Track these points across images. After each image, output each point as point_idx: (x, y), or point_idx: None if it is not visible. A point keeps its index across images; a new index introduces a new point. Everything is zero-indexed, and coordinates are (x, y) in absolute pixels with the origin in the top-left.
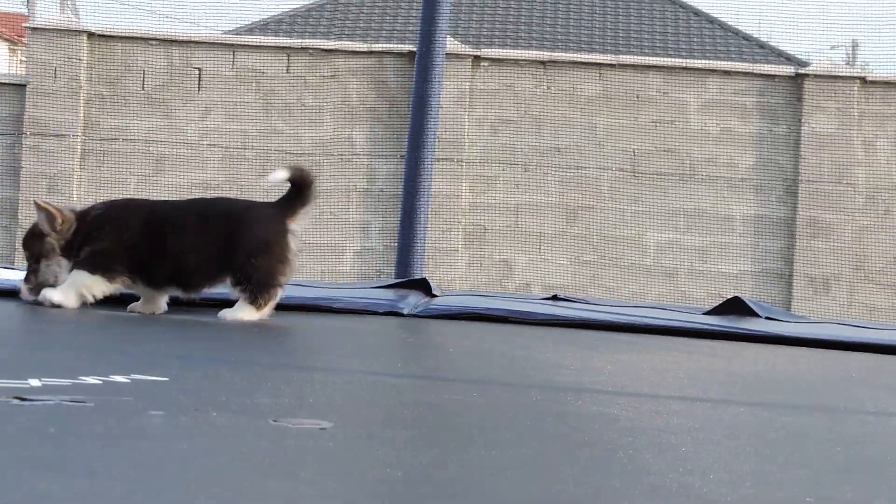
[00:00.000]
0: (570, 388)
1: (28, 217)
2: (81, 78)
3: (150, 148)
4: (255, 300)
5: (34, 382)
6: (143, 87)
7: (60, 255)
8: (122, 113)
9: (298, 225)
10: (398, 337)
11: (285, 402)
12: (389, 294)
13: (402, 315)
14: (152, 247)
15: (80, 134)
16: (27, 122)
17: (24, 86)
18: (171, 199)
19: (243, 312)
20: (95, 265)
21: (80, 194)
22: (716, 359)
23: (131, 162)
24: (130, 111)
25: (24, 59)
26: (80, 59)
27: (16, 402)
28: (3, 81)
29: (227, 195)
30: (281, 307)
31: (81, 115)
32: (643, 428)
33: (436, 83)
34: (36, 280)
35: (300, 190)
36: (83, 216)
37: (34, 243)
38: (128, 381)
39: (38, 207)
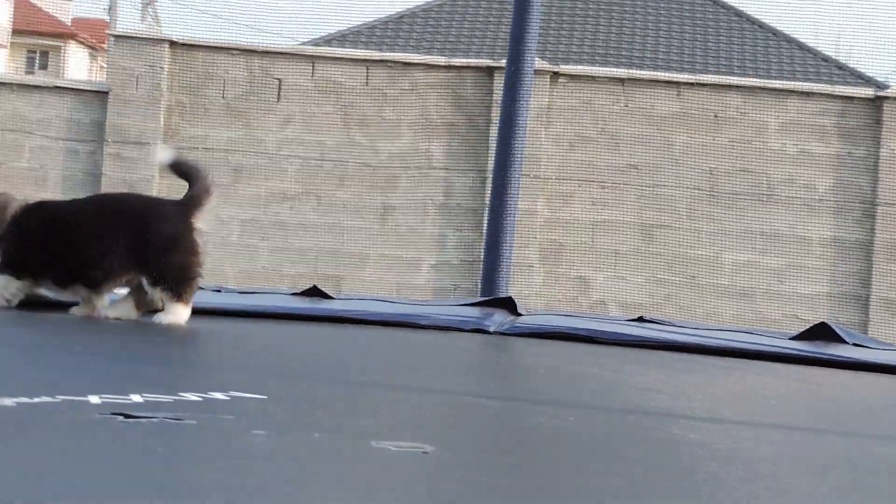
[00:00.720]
0: (665, 412)
1: None
2: (163, 86)
3: (229, 157)
4: (180, 296)
5: (136, 398)
6: (223, 97)
7: None
8: (202, 122)
9: (203, 222)
10: (486, 355)
11: (383, 422)
12: (475, 312)
13: (487, 333)
14: (54, 246)
15: (160, 142)
16: (109, 130)
17: (107, 93)
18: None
19: (174, 314)
20: (2, 265)
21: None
22: (806, 385)
23: (211, 171)
24: (210, 120)
25: (103, 65)
26: (161, 68)
27: (121, 419)
28: (86, 89)
29: (300, 205)
30: (368, 322)
31: (162, 123)
32: (742, 457)
33: (523, 101)
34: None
35: (191, 186)
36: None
37: None
38: (227, 398)
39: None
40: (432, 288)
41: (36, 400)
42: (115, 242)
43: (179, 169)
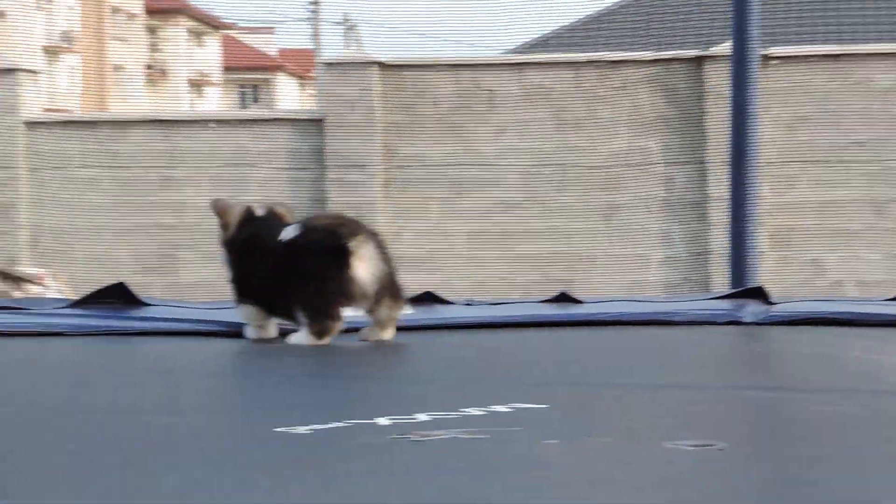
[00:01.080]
0: None
1: None
2: (376, 108)
3: (448, 171)
4: (311, 326)
5: (422, 417)
6: (436, 113)
7: (222, 245)
8: (419, 139)
9: (360, 255)
10: (746, 347)
11: (668, 422)
12: (727, 304)
13: (743, 324)
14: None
15: (380, 163)
16: (328, 155)
17: (321, 120)
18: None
19: (301, 337)
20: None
21: (386, 222)
22: None
23: (432, 187)
24: (426, 137)
25: (312, 92)
26: (372, 90)
27: (414, 438)
28: (301, 118)
29: (524, 212)
30: (622, 323)
31: (379, 144)
32: None
33: (752, 89)
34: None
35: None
36: (249, 219)
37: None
38: (510, 410)
39: (213, 210)
40: (663, 283)
41: (329, 426)
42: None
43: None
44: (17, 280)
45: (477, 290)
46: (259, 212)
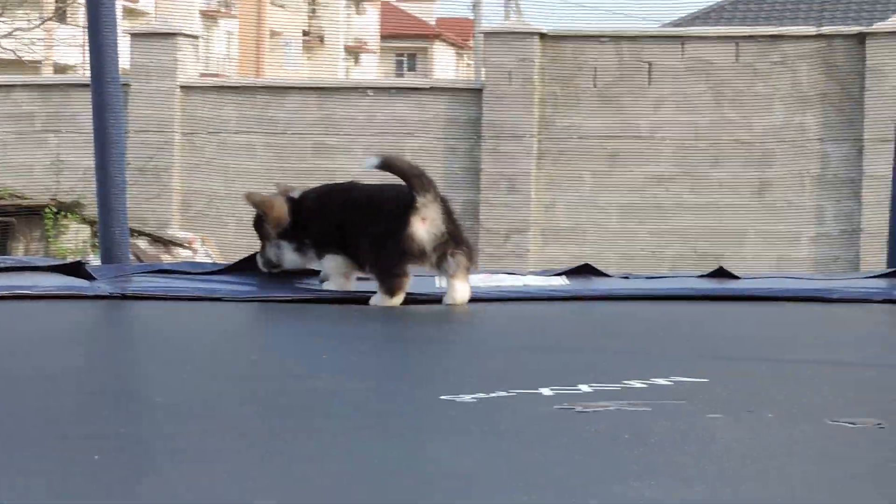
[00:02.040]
0: None
1: (489, 218)
2: (535, 79)
3: (604, 144)
4: (381, 286)
5: (584, 388)
6: (594, 85)
7: (278, 238)
8: (576, 111)
9: (429, 212)
10: None
11: (829, 399)
12: (883, 283)
13: None
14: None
15: (535, 134)
16: (485, 125)
17: (481, 90)
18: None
19: (379, 299)
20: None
21: (538, 193)
22: None
23: (586, 159)
24: (583, 109)
25: (469, 62)
26: (532, 61)
27: (580, 409)
28: (461, 87)
29: (677, 187)
30: (779, 299)
31: (536, 115)
32: None
33: None
34: (265, 257)
35: (407, 182)
36: (296, 204)
37: (259, 226)
38: (670, 383)
39: (251, 203)
40: (812, 261)
41: (493, 395)
42: (364, 231)
43: (388, 169)
44: (167, 243)
45: (626, 263)
46: (295, 195)
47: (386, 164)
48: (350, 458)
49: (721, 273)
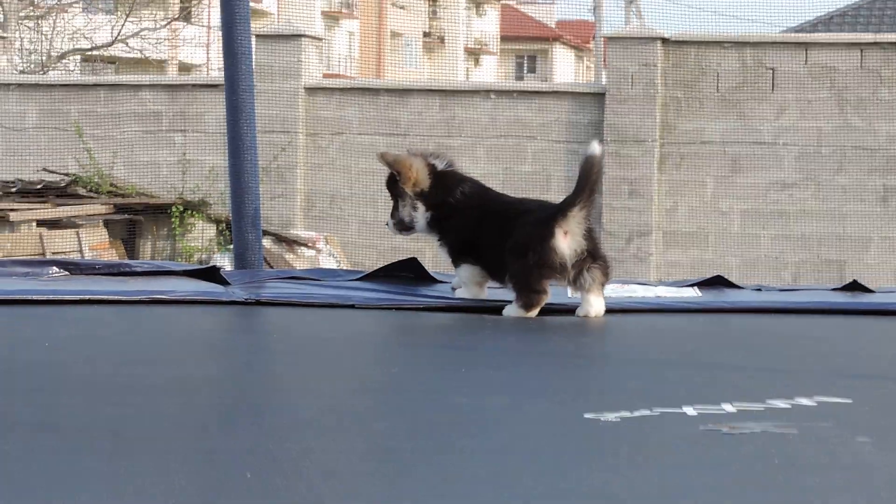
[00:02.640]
0: None
1: (611, 221)
2: (657, 83)
3: (726, 149)
4: (518, 300)
5: (728, 408)
6: (717, 90)
7: (415, 199)
8: (698, 116)
9: (573, 225)
10: None
11: None
12: None
13: None
14: (486, 236)
15: (657, 138)
16: (606, 129)
17: (603, 94)
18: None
19: (513, 310)
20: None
21: (660, 197)
22: None
23: (708, 164)
24: (705, 114)
25: (590, 65)
26: (655, 65)
27: (727, 430)
28: (583, 91)
29: (799, 193)
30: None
31: (658, 119)
32: None
33: None
34: (396, 218)
35: (579, 186)
36: (436, 174)
37: (391, 186)
38: (814, 403)
39: (384, 162)
40: (884, 266)
41: (637, 414)
42: (502, 242)
43: (582, 168)
44: (291, 243)
45: (748, 269)
46: (440, 165)
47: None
48: (495, 480)
49: (855, 286)
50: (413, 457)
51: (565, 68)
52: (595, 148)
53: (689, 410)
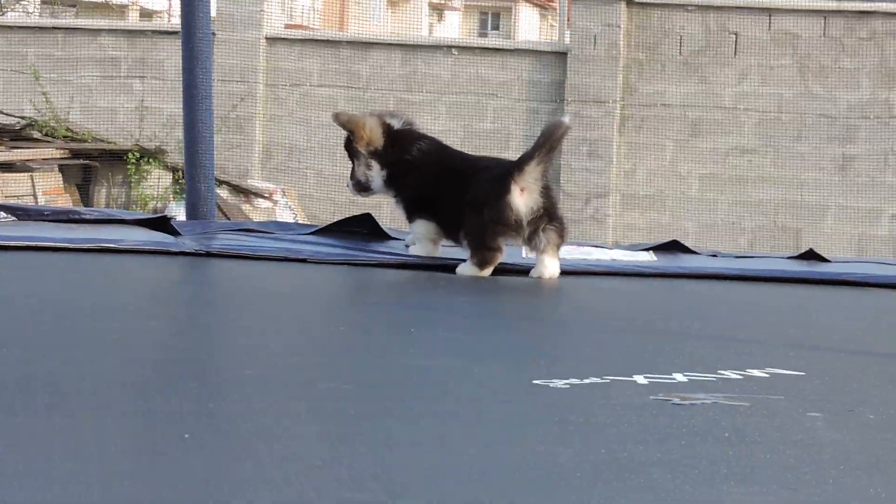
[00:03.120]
0: None
1: (569, 182)
2: (620, 44)
3: (687, 113)
4: (472, 257)
5: (679, 377)
6: (679, 53)
7: (370, 158)
8: (659, 78)
9: (529, 181)
10: None
11: None
12: None
13: None
14: (442, 193)
15: (618, 100)
16: (568, 89)
17: (565, 54)
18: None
19: (467, 269)
20: (410, 209)
21: (619, 159)
22: None
23: (668, 127)
24: (667, 77)
25: (553, 24)
26: (618, 26)
27: (677, 401)
28: (545, 50)
29: (759, 159)
30: (867, 285)
31: (620, 81)
32: None
33: None
34: (354, 179)
35: (538, 143)
36: (391, 133)
37: (348, 147)
38: (766, 375)
39: (338, 122)
40: (893, 240)
41: (586, 381)
42: (458, 199)
43: (544, 130)
44: (248, 194)
45: (705, 233)
46: (396, 124)
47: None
48: (440, 446)
49: (811, 255)
50: (357, 420)
51: (529, 27)
52: (566, 118)
53: (640, 379)
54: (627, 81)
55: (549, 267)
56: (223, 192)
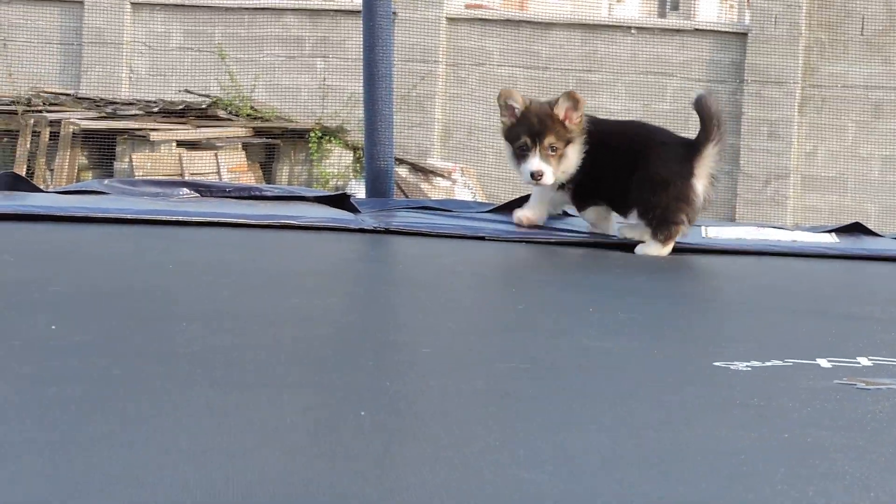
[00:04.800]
0: None
1: (749, 163)
2: (801, 24)
3: (869, 94)
4: (656, 235)
5: (864, 361)
6: (861, 33)
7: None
8: (841, 59)
9: (707, 166)
10: None
11: None
12: None
13: None
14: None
15: (799, 81)
16: (748, 69)
17: (746, 34)
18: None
19: (649, 248)
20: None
21: (800, 140)
22: None
23: (849, 108)
24: (849, 57)
25: (733, 4)
26: (799, 6)
27: (862, 385)
28: (725, 30)
29: None
30: None
31: (801, 61)
32: None
33: None
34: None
35: (704, 126)
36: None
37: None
38: None
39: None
40: None
41: (768, 364)
42: (630, 174)
43: (700, 110)
44: (427, 173)
45: (887, 216)
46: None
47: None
48: (617, 428)
49: None
50: (534, 400)
51: (708, 7)
52: (703, 91)
53: (823, 362)
54: (808, 62)
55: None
56: (402, 171)
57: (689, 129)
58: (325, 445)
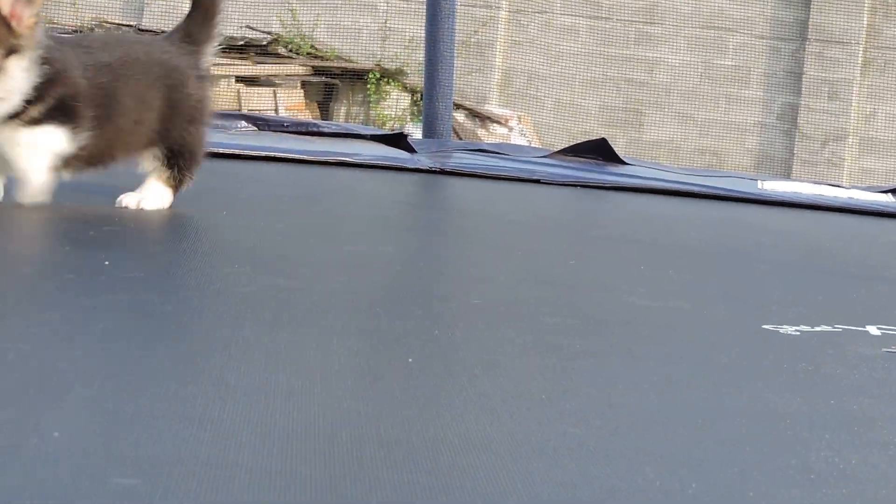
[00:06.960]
0: None
1: (807, 123)
2: None
3: None
4: (182, 181)
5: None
6: None
7: None
8: None
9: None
10: None
11: None
12: None
13: None
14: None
15: (861, 41)
16: (811, 28)
17: None
18: None
19: (160, 197)
20: None
21: (860, 102)
22: None
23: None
24: None
25: None
26: None
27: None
28: None
29: None
30: None
31: (865, 22)
32: None
33: None
34: None
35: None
36: None
37: None
38: None
39: None
40: None
41: (817, 329)
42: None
43: None
44: (484, 119)
45: None
46: None
47: None
48: (663, 390)
49: None
50: (581, 356)
51: None
52: None
53: (873, 329)
54: (872, 23)
55: None
56: (460, 116)
57: (751, 85)
58: (373, 391)
